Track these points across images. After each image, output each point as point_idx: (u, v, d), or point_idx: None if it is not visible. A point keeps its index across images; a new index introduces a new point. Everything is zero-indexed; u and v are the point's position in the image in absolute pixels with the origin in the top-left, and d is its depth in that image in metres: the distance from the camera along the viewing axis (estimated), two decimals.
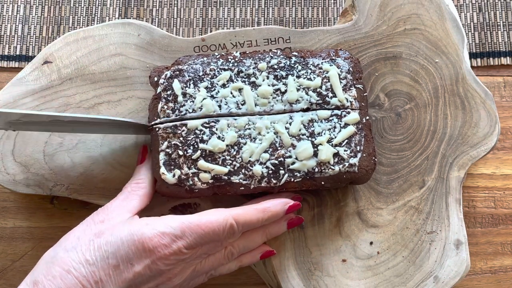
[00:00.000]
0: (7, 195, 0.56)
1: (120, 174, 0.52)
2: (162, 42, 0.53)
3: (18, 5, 0.60)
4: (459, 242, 0.51)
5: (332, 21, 0.60)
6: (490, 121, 0.52)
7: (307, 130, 0.47)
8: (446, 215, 0.51)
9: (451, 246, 0.51)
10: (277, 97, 0.48)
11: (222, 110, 0.48)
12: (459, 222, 0.51)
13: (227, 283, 0.55)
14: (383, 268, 0.51)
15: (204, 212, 0.45)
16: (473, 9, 0.60)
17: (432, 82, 0.53)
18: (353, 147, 0.47)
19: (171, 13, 0.61)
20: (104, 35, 0.53)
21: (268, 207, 0.46)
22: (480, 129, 0.52)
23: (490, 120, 0.52)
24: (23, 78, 0.53)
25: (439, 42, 0.53)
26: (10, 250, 0.55)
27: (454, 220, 0.51)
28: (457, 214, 0.51)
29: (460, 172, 0.52)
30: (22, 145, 0.52)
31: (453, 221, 0.51)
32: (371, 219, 0.51)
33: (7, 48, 0.60)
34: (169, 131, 0.47)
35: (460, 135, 0.52)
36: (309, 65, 0.49)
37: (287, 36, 0.54)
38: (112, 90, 0.53)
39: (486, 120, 0.52)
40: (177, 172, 0.47)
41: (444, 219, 0.51)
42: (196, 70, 0.49)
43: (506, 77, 0.59)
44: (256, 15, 0.61)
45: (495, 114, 0.52)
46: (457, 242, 0.51)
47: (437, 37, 0.53)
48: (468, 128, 0.52)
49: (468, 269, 0.51)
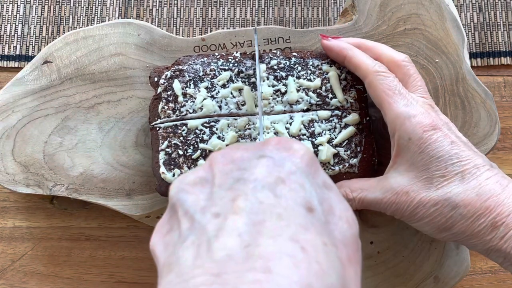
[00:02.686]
0: (6, 195, 0.56)
1: (120, 174, 0.52)
2: (162, 42, 0.53)
3: (18, 5, 0.60)
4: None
5: (332, 21, 0.60)
6: (490, 121, 0.52)
7: (307, 131, 0.47)
8: None
9: (451, 246, 0.51)
10: (277, 98, 0.48)
11: (222, 110, 0.48)
12: None
13: None
14: (383, 268, 0.51)
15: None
16: (473, 9, 0.60)
17: (432, 82, 0.53)
18: (353, 147, 0.47)
19: (171, 13, 0.61)
20: (104, 35, 0.53)
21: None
22: (480, 129, 0.52)
23: (490, 120, 0.52)
24: (23, 78, 0.53)
25: (439, 42, 0.53)
26: (10, 250, 0.55)
27: None
28: None
29: None
30: (22, 145, 0.52)
31: None
32: (371, 219, 0.51)
33: (7, 48, 0.60)
34: (170, 130, 0.47)
35: None
36: (309, 65, 0.49)
37: (287, 36, 0.54)
38: (112, 90, 0.53)
39: (486, 120, 0.52)
40: (177, 171, 0.47)
41: None
42: (196, 70, 0.49)
43: (506, 77, 0.59)
44: (256, 15, 0.61)
45: (495, 114, 0.52)
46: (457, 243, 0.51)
47: (437, 37, 0.53)
48: (468, 128, 0.52)
49: (468, 269, 0.51)
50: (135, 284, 0.55)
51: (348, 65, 0.47)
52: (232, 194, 0.29)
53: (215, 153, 0.32)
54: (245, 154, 0.31)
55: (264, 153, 0.31)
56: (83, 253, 0.55)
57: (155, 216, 0.53)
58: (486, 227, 0.40)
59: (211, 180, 0.31)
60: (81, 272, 0.55)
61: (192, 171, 0.32)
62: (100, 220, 0.56)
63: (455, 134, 0.43)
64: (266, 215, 0.28)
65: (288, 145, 0.32)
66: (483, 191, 0.40)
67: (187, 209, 0.30)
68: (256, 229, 0.27)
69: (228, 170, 0.31)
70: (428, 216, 0.41)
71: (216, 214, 0.28)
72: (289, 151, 0.31)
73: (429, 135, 0.41)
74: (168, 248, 0.30)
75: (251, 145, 0.32)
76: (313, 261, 0.26)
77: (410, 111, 0.42)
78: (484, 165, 0.41)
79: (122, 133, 0.53)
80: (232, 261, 0.26)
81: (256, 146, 0.32)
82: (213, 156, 0.32)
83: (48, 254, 0.55)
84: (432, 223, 0.41)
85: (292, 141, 0.32)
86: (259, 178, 0.30)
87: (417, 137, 0.42)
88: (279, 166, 0.30)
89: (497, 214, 0.39)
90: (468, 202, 0.40)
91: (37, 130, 0.52)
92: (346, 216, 0.31)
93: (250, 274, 0.25)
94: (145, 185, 0.52)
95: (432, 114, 0.43)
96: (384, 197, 0.43)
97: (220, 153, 0.32)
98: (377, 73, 0.44)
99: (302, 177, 0.30)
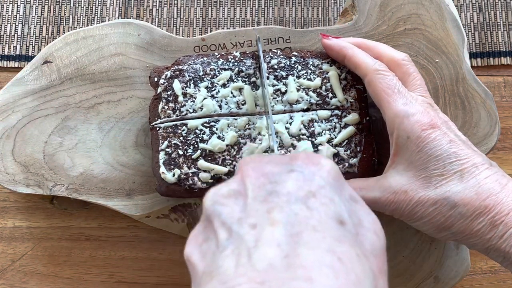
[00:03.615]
0: (7, 195, 0.56)
1: (120, 174, 0.52)
2: (162, 42, 0.53)
3: (18, 5, 0.60)
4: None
5: (332, 21, 0.60)
6: (490, 121, 0.52)
7: (307, 130, 0.47)
8: None
9: (451, 246, 0.51)
10: (277, 98, 0.48)
11: (223, 110, 0.48)
12: None
13: None
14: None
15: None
16: (473, 9, 0.60)
17: (432, 82, 0.53)
18: (353, 147, 0.47)
19: (171, 13, 0.61)
20: (104, 35, 0.53)
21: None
22: (480, 129, 0.52)
23: (490, 120, 0.52)
24: (23, 78, 0.53)
25: (439, 42, 0.53)
26: (10, 250, 0.55)
27: None
28: None
29: None
30: (22, 145, 0.52)
31: None
32: None
33: (7, 48, 0.60)
34: (170, 130, 0.47)
35: None
36: (309, 65, 0.49)
37: (287, 36, 0.54)
38: (112, 90, 0.53)
39: (486, 120, 0.52)
40: (177, 171, 0.47)
41: None
42: (196, 70, 0.49)
43: (506, 77, 0.59)
44: (256, 15, 0.61)
45: (495, 114, 0.52)
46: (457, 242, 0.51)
47: (437, 37, 0.53)
48: (468, 128, 0.52)
49: (468, 269, 0.51)
50: (135, 284, 0.55)
51: (348, 64, 0.47)
52: (266, 206, 0.30)
53: (245, 166, 0.33)
54: (275, 169, 0.33)
55: (293, 168, 0.32)
56: (83, 253, 0.55)
57: (155, 216, 0.53)
58: (485, 226, 0.39)
59: (244, 193, 0.32)
60: (81, 272, 0.55)
61: (224, 184, 0.33)
62: (100, 220, 0.56)
63: (454, 133, 0.43)
64: (302, 227, 0.29)
65: (316, 160, 0.33)
66: (482, 189, 0.40)
67: (223, 220, 0.31)
68: (294, 240, 0.28)
69: (260, 183, 0.32)
70: (427, 216, 0.41)
71: (253, 225, 0.30)
72: (317, 166, 0.32)
73: (428, 133, 0.41)
74: (206, 256, 0.31)
75: (280, 158, 0.34)
76: (350, 271, 0.27)
77: (409, 109, 0.42)
78: (483, 164, 0.41)
79: (122, 133, 0.53)
80: (274, 270, 0.27)
81: (285, 160, 0.33)
82: (243, 169, 0.33)
83: (48, 254, 0.55)
84: (431, 222, 0.41)
85: (319, 157, 0.33)
86: (291, 192, 0.31)
87: (415, 136, 0.41)
88: (309, 180, 0.31)
89: (496, 213, 0.39)
90: (467, 201, 0.40)
91: (37, 130, 0.52)
92: (374, 228, 0.32)
93: (293, 283, 0.26)
94: (145, 185, 0.52)
95: (431, 113, 0.43)
96: (383, 196, 0.43)
97: (251, 166, 0.33)
98: (376, 71, 0.44)
99: (331, 191, 0.31)
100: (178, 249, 0.55)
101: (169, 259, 0.55)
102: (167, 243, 0.55)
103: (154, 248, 0.55)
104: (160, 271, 0.55)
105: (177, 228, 0.54)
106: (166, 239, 0.55)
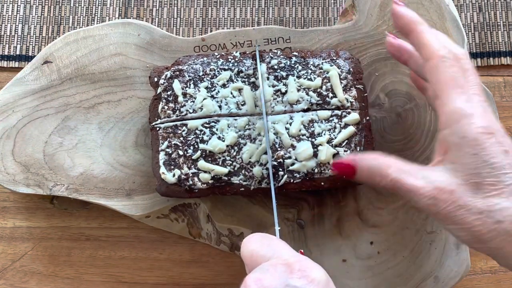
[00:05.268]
0: (7, 195, 0.56)
1: (120, 174, 0.52)
2: (162, 42, 0.53)
3: (18, 5, 0.60)
4: (459, 242, 0.51)
5: (332, 21, 0.60)
6: None
7: (307, 131, 0.47)
8: None
9: (451, 246, 0.51)
10: (278, 98, 0.48)
11: (222, 110, 0.48)
12: None
13: (229, 283, 0.55)
14: (383, 268, 0.51)
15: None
16: (473, 9, 0.60)
17: None
18: (353, 147, 0.47)
19: (171, 13, 0.61)
20: (104, 35, 0.53)
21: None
22: None
23: None
24: (23, 78, 0.53)
25: None
26: (10, 250, 0.55)
27: None
28: None
29: None
30: (22, 145, 0.52)
31: None
32: (371, 219, 0.51)
33: (7, 48, 0.60)
34: (170, 131, 0.47)
35: None
36: (310, 65, 0.49)
37: (287, 36, 0.54)
38: (112, 90, 0.53)
39: None
40: (177, 172, 0.47)
41: None
42: (196, 70, 0.49)
43: (506, 77, 0.59)
44: (256, 15, 0.61)
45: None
46: (457, 242, 0.51)
47: None
48: None
49: (468, 269, 0.51)
50: (135, 284, 0.55)
51: (412, 40, 0.44)
52: None
53: (249, 280, 0.36)
54: (273, 283, 0.36)
55: (289, 283, 0.36)
56: (83, 253, 0.55)
57: (155, 216, 0.53)
58: None
59: None
60: (81, 272, 0.55)
61: None
62: (100, 220, 0.56)
63: (507, 142, 0.40)
64: None
65: (307, 274, 0.37)
66: None
67: None
68: None
69: None
70: (468, 223, 0.39)
71: None
72: (308, 279, 0.36)
73: (485, 138, 0.39)
74: None
75: (280, 269, 0.37)
76: None
77: (469, 109, 0.39)
78: None
79: (122, 133, 0.53)
80: None
81: (283, 272, 0.37)
82: (247, 284, 0.36)
83: (48, 254, 0.55)
84: (471, 231, 0.39)
85: (311, 269, 0.37)
86: None
87: (472, 138, 0.39)
88: None
89: None
90: None
91: (37, 130, 0.52)
92: None
93: None
94: (145, 185, 0.52)
95: (489, 117, 0.40)
96: (423, 187, 0.40)
97: (254, 281, 0.36)
98: (444, 58, 0.41)
99: None
100: (178, 249, 0.55)
101: (169, 259, 0.55)
102: (167, 243, 0.55)
103: (154, 248, 0.55)
104: (160, 271, 0.55)
105: (177, 228, 0.54)
106: (166, 239, 0.55)
